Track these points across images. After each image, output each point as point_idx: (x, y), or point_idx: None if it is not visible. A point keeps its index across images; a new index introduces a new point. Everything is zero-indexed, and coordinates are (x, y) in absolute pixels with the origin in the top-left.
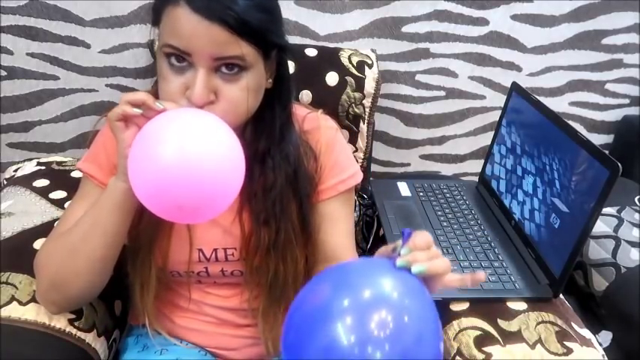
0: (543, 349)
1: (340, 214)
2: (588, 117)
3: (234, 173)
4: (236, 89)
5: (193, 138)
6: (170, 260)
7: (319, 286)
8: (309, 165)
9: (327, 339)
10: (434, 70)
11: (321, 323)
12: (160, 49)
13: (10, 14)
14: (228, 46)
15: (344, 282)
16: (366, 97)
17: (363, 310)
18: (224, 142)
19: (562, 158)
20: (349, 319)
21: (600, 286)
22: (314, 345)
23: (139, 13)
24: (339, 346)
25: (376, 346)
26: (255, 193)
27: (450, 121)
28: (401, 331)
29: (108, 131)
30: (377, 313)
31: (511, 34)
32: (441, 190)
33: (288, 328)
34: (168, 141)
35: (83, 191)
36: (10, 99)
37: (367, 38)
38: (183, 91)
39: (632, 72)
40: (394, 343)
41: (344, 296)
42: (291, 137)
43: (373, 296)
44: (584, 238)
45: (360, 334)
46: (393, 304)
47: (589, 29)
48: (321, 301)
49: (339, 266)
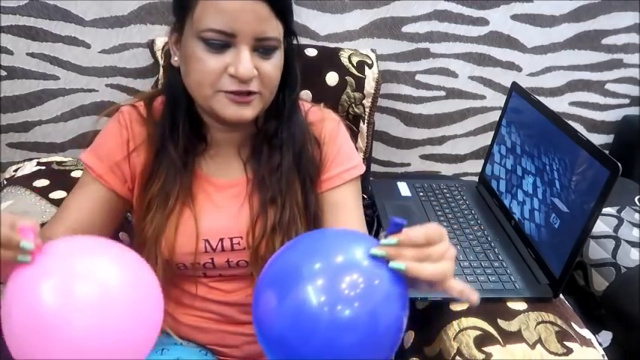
0: (543, 349)
1: (350, 202)
2: (588, 117)
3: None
4: (271, 66)
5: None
6: (177, 252)
7: (287, 253)
8: (313, 151)
9: (297, 301)
10: (434, 70)
11: (290, 286)
12: (197, 35)
13: (10, 14)
14: (269, 26)
15: (313, 247)
16: (366, 97)
17: (332, 273)
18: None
19: (562, 158)
20: (320, 280)
21: (600, 286)
22: (283, 308)
23: (139, 13)
24: (308, 306)
25: (345, 304)
26: (264, 176)
27: (450, 121)
28: (370, 291)
29: (112, 126)
30: (348, 276)
31: (511, 34)
32: (441, 190)
33: (257, 295)
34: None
35: (82, 181)
36: (10, 99)
37: (367, 38)
38: (224, 70)
39: (632, 72)
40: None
41: (315, 260)
42: (298, 118)
43: (343, 261)
44: (584, 238)
45: (330, 295)
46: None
47: (589, 29)
48: (289, 266)
49: (308, 234)
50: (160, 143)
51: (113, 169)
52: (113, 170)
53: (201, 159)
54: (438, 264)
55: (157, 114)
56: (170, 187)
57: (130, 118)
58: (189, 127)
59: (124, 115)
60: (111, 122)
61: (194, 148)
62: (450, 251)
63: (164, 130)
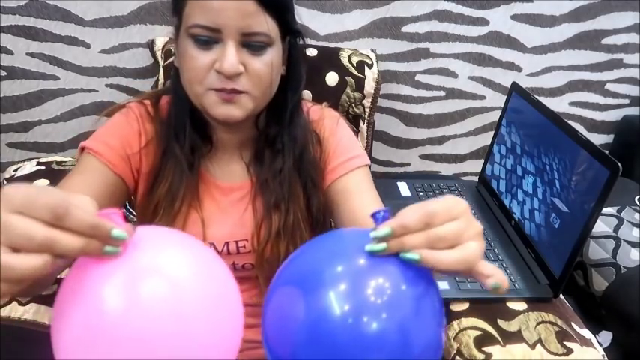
0: (543, 349)
1: (361, 187)
2: (588, 117)
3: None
4: (261, 63)
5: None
6: None
7: (301, 258)
8: (314, 151)
9: (316, 310)
10: (434, 70)
11: (307, 293)
12: (186, 32)
13: (10, 14)
14: (255, 21)
15: (332, 250)
16: (366, 97)
17: (356, 277)
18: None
19: (562, 158)
20: (342, 285)
21: (600, 286)
22: (299, 319)
23: (139, 13)
24: (329, 316)
25: (372, 315)
26: (267, 179)
27: (450, 121)
28: (399, 299)
29: (121, 119)
30: (373, 280)
31: (511, 34)
32: (441, 190)
33: (268, 304)
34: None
35: (82, 167)
36: (10, 99)
37: (367, 38)
38: (211, 66)
39: (632, 72)
40: (392, 312)
41: (336, 263)
42: (300, 121)
43: (363, 265)
44: (584, 238)
45: (354, 302)
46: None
47: (589, 29)
48: (306, 270)
49: (324, 236)
50: (166, 143)
51: (124, 157)
52: (123, 159)
53: (207, 161)
54: (460, 248)
55: (164, 113)
56: (176, 189)
57: (140, 113)
58: (194, 128)
59: (133, 110)
60: (119, 115)
61: (199, 149)
62: (471, 228)
63: (170, 130)
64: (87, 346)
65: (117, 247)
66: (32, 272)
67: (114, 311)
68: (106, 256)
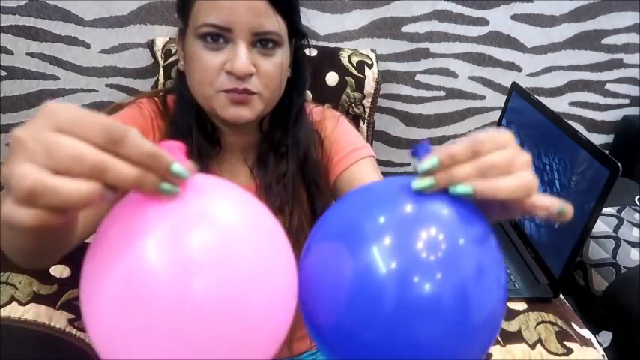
0: (543, 349)
1: (371, 177)
2: (588, 117)
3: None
4: (271, 64)
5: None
6: None
7: (340, 210)
8: (317, 151)
9: (359, 267)
10: (434, 70)
11: (346, 250)
12: (195, 33)
13: (10, 14)
14: (266, 20)
15: (372, 200)
16: (366, 97)
17: (404, 228)
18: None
19: (562, 158)
20: (387, 239)
21: (600, 286)
22: (336, 280)
23: (139, 13)
24: (373, 275)
25: (424, 274)
26: (270, 183)
27: (450, 121)
28: (456, 258)
29: (132, 111)
30: (424, 231)
31: (511, 34)
32: None
33: (302, 269)
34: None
35: None
36: (10, 99)
37: (367, 38)
38: (221, 68)
39: (632, 72)
40: (448, 272)
41: (378, 213)
42: (304, 123)
43: (414, 213)
44: (584, 238)
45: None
46: (442, 223)
47: (589, 29)
48: (346, 222)
49: (365, 186)
50: None
51: None
52: None
53: (214, 164)
54: (514, 175)
55: (172, 111)
56: None
57: (151, 108)
58: (200, 131)
59: (144, 104)
60: (129, 109)
61: (207, 152)
62: (521, 156)
63: (177, 132)
64: (125, 305)
65: (176, 187)
66: (78, 200)
67: (161, 266)
68: (163, 195)
